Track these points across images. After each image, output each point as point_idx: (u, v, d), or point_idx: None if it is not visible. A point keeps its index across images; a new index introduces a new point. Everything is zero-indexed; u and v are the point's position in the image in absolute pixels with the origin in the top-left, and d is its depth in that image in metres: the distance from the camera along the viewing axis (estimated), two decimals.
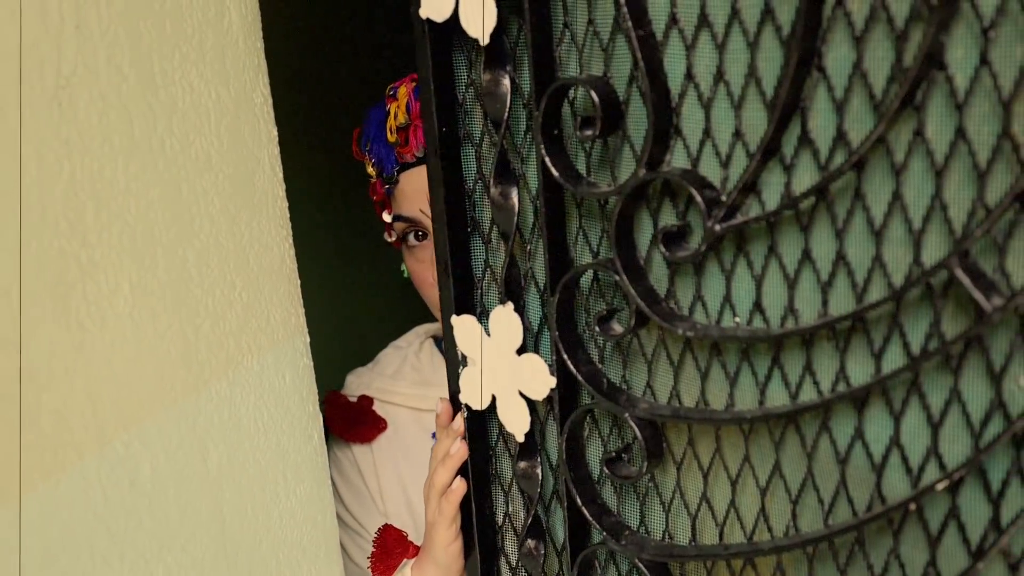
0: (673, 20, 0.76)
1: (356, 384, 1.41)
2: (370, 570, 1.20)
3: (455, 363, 1.02)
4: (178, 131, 0.79)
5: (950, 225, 0.67)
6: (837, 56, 0.69)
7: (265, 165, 0.93)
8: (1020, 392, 0.67)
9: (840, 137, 0.70)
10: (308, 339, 1.03)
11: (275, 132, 0.96)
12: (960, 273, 0.65)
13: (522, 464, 1.01)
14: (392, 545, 1.19)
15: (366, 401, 1.37)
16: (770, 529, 0.84)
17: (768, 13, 0.71)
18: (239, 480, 0.89)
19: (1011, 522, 0.67)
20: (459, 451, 1.03)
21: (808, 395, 0.77)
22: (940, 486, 0.70)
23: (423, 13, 0.89)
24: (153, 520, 0.78)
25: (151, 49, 0.76)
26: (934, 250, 0.68)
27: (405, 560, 1.18)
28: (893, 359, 0.72)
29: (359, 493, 1.34)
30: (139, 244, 0.76)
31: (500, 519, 1.08)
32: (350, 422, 1.35)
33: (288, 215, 0.99)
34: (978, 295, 0.64)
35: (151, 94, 0.76)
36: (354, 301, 2.29)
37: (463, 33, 0.88)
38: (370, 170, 1.25)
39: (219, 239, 0.85)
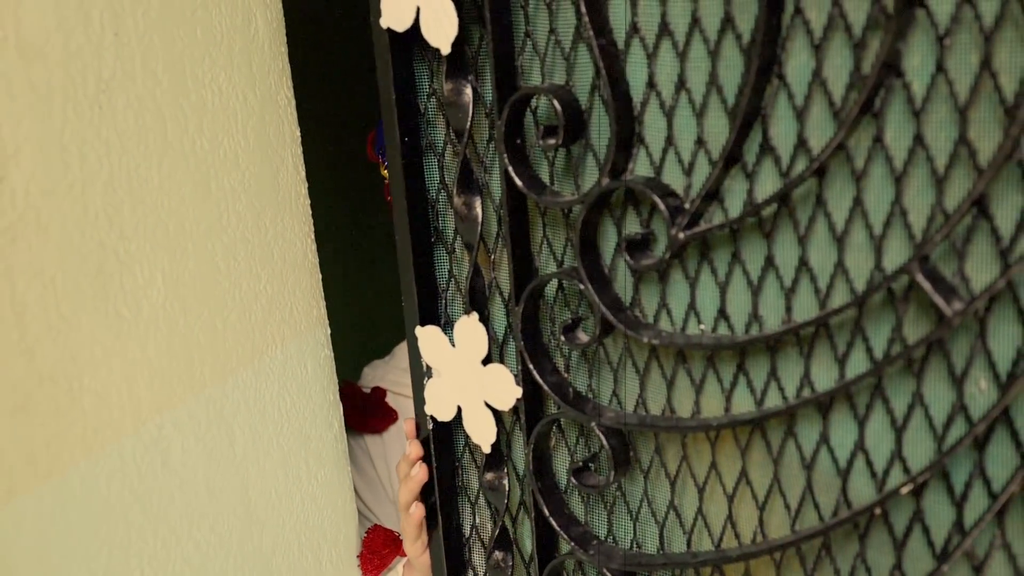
0: (634, 29, 0.76)
1: (371, 376, 1.47)
2: (360, 568, 1.21)
3: (420, 374, 1.01)
4: (208, 132, 0.84)
5: (910, 230, 0.67)
6: (797, 64, 0.69)
7: (288, 164, 0.97)
8: (981, 395, 0.67)
9: (801, 144, 0.70)
10: (328, 331, 1.07)
11: (298, 133, 1.00)
12: (921, 278, 0.65)
13: (489, 475, 1.01)
14: (380, 546, 1.21)
15: (379, 392, 1.42)
16: (738, 536, 0.84)
17: (728, 21, 0.71)
18: (264, 464, 0.94)
19: (975, 524, 0.68)
20: (419, 475, 1.03)
21: (773, 401, 0.78)
22: (904, 490, 0.70)
23: (384, 23, 0.88)
24: (183, 499, 0.84)
25: (183, 55, 0.81)
26: (895, 255, 0.69)
27: (398, 557, 1.20)
28: (857, 364, 0.72)
29: (370, 481, 1.38)
30: (172, 238, 0.81)
31: (467, 531, 1.07)
32: (363, 412, 1.39)
33: (310, 212, 1.03)
34: (939, 300, 0.65)
35: (183, 97, 0.82)
36: (371, 296, 2.39)
37: (424, 42, 0.88)
38: (384, 172, 1.28)
39: (245, 234, 0.90)
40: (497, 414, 0.96)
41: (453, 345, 0.95)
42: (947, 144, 0.65)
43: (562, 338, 0.86)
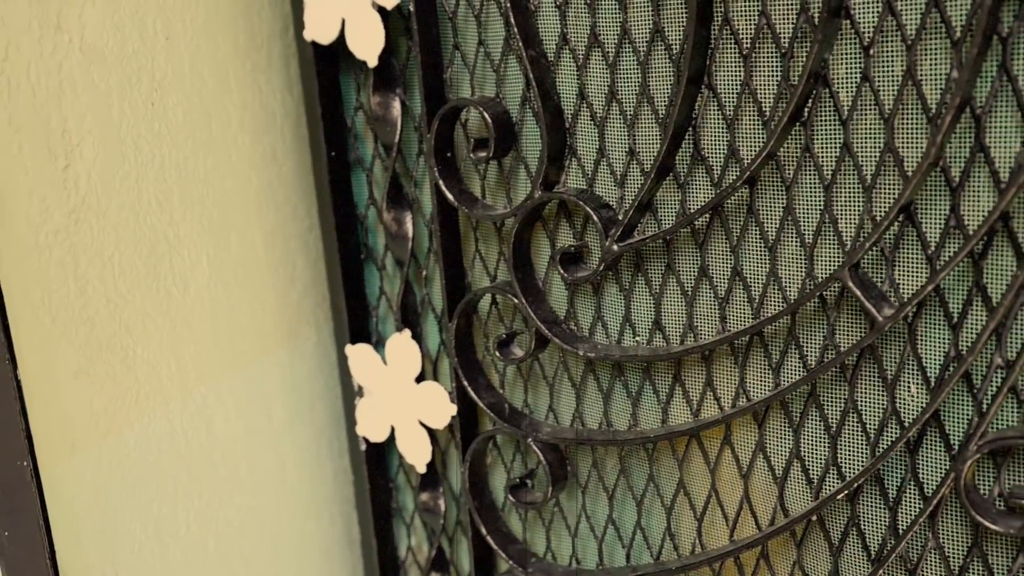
0: (564, 40, 0.76)
1: None
2: None
3: (351, 394, 0.99)
4: (249, 129, 0.91)
5: (840, 238, 0.68)
6: (726, 74, 0.70)
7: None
8: (912, 400, 0.68)
9: (731, 154, 0.71)
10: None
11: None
12: (852, 285, 0.66)
13: (424, 496, 0.99)
14: None
15: None
16: (676, 548, 0.83)
17: (658, 32, 0.71)
18: (299, 438, 1.00)
19: (908, 527, 0.69)
20: None
21: (710, 411, 0.78)
22: (840, 496, 0.71)
23: (307, 35, 0.87)
24: (225, 466, 0.92)
25: (227, 58, 0.89)
26: (826, 263, 0.69)
27: None
28: (791, 372, 0.73)
29: None
30: (216, 225, 0.89)
31: (403, 553, 1.05)
32: None
33: None
34: (870, 306, 0.65)
35: (226, 97, 0.89)
36: None
37: (351, 55, 0.86)
38: None
39: (283, 224, 0.96)
40: (432, 433, 0.94)
41: (385, 363, 0.93)
42: (874, 152, 0.66)
43: (497, 354, 0.85)
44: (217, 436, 0.91)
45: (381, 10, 0.82)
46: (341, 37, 0.85)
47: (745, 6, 0.68)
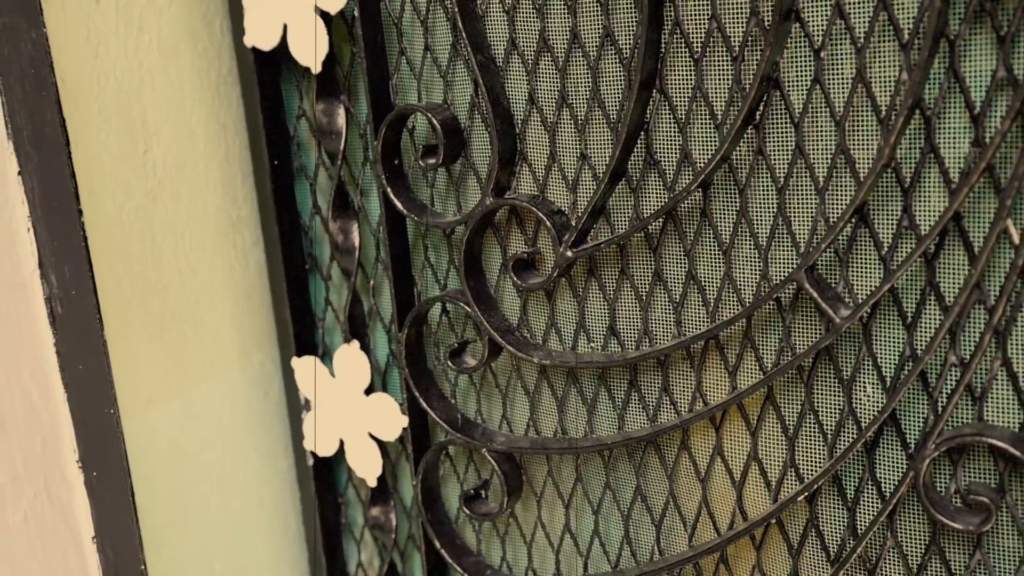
0: (513, 45, 0.75)
1: None
2: None
3: (297, 408, 0.96)
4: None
5: (794, 239, 0.68)
6: (677, 78, 0.70)
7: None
8: (869, 400, 0.69)
9: (685, 158, 0.71)
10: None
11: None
12: (809, 287, 0.66)
13: (374, 510, 0.97)
14: None
15: None
16: (634, 555, 0.83)
17: (608, 37, 0.71)
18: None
19: (868, 527, 0.69)
20: None
21: (666, 417, 0.77)
22: (799, 498, 0.71)
23: (248, 41, 0.84)
24: (281, 427, 1.00)
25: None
26: (781, 266, 0.69)
27: None
28: (747, 375, 0.73)
29: None
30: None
31: (352, 570, 1.02)
32: None
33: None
34: (827, 307, 0.66)
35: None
36: None
37: (293, 62, 0.84)
38: None
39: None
40: (382, 446, 0.92)
41: (333, 375, 0.91)
42: (826, 154, 0.66)
43: (449, 363, 0.83)
44: (274, 399, 0.99)
45: (325, 15, 0.80)
46: (283, 43, 0.82)
47: (696, 10, 0.68)
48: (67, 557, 0.80)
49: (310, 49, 0.81)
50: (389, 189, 0.81)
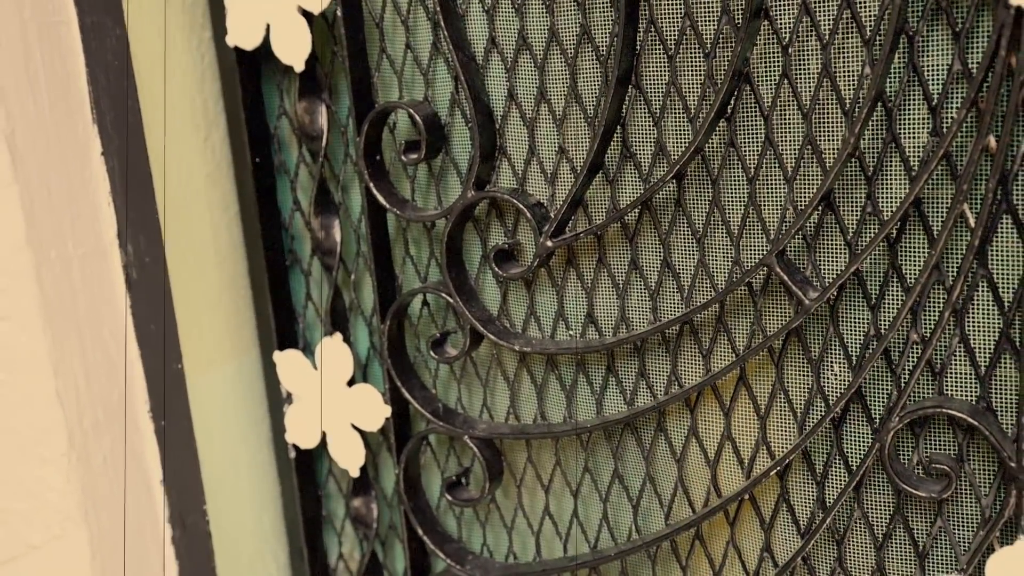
0: (493, 43, 0.78)
1: None
2: None
3: (279, 402, 0.98)
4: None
5: (765, 226, 0.72)
6: (652, 74, 0.73)
7: None
8: (836, 378, 0.72)
9: (659, 150, 0.74)
10: None
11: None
12: (779, 271, 0.69)
13: (356, 501, 0.98)
14: None
15: None
16: (612, 535, 0.86)
17: (585, 35, 0.74)
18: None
19: (836, 499, 0.73)
20: None
21: (643, 400, 0.80)
22: (770, 474, 0.74)
23: (231, 41, 0.86)
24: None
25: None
26: (752, 252, 0.73)
27: None
28: (721, 358, 0.76)
29: None
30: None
31: (333, 562, 1.04)
32: None
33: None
34: (796, 290, 0.69)
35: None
36: None
37: (275, 61, 0.86)
38: None
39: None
40: (363, 437, 0.94)
41: (315, 368, 0.93)
42: (795, 145, 0.70)
43: (431, 353, 0.86)
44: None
45: (307, 15, 0.82)
46: (266, 42, 0.84)
47: (670, 8, 0.71)
48: (139, 498, 0.90)
49: (293, 48, 0.83)
50: (372, 185, 0.84)
